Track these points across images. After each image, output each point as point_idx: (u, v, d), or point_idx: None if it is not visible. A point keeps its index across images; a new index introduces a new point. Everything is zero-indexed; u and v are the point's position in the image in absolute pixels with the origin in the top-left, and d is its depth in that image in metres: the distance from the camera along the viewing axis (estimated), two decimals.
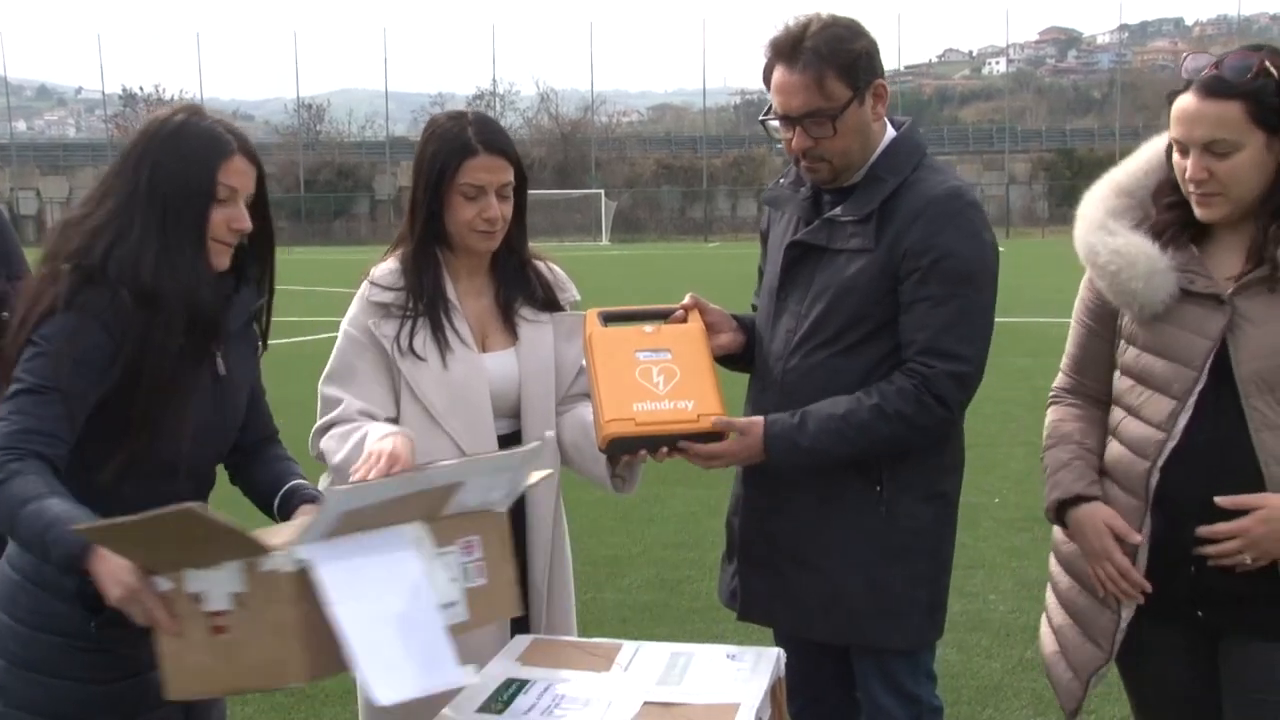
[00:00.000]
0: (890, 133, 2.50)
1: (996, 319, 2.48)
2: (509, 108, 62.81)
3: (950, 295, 2.36)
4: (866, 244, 2.41)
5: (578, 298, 2.67)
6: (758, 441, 2.39)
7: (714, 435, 2.35)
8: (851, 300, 2.42)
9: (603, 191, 48.83)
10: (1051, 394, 2.48)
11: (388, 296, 2.52)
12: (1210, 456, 2.13)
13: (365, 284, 2.55)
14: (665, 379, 2.39)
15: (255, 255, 2.17)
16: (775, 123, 2.46)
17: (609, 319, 2.51)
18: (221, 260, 2.07)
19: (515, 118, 61.02)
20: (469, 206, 2.49)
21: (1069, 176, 47.84)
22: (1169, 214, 2.22)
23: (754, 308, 2.64)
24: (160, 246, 1.97)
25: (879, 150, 2.48)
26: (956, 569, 2.71)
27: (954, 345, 2.37)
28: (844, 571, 2.47)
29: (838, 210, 2.47)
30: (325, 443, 2.41)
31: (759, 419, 2.41)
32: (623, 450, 2.41)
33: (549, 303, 2.61)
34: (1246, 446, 2.10)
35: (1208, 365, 2.14)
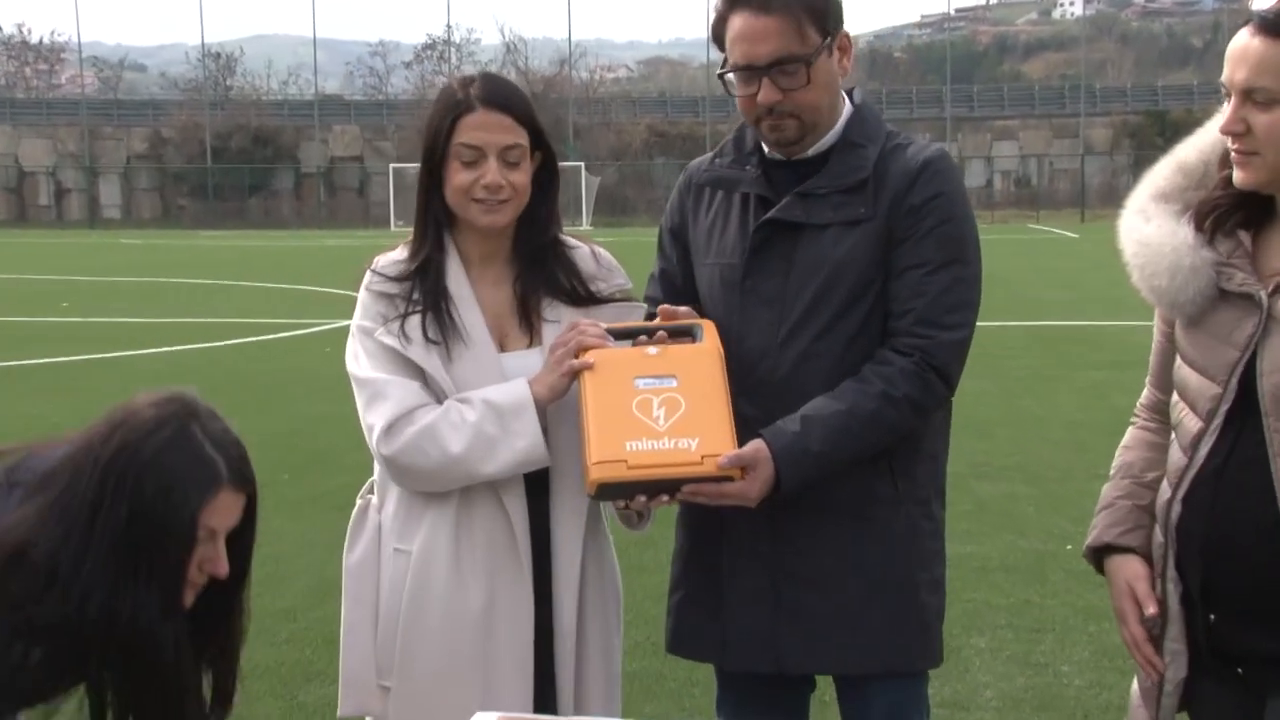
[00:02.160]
0: (846, 101, 2.72)
1: (1067, 321, 2.55)
2: (467, 60, 63.03)
3: (947, 261, 2.59)
4: (863, 213, 2.61)
5: (628, 285, 2.79)
6: (770, 469, 2.50)
7: (723, 477, 2.43)
8: (849, 277, 2.61)
9: (582, 165, 48.95)
10: (1134, 411, 2.58)
11: (391, 287, 2.69)
12: (1224, 487, 2.20)
13: (368, 274, 2.72)
14: (667, 412, 2.46)
15: (210, 636, 2.16)
16: (732, 76, 2.63)
17: (617, 336, 2.60)
18: (185, 599, 2.10)
19: (474, 71, 61.11)
20: (465, 172, 2.64)
21: (1160, 145, 47.82)
22: (1221, 193, 2.27)
23: (651, 315, 2.75)
24: (113, 588, 1.99)
25: (844, 118, 2.70)
26: (1019, 632, 2.79)
27: (951, 313, 2.59)
28: (867, 589, 2.65)
29: (814, 182, 2.65)
30: (413, 440, 2.56)
31: (762, 445, 2.51)
32: (614, 496, 2.51)
33: (580, 296, 2.73)
34: (1265, 477, 2.15)
35: (1234, 379, 2.20)
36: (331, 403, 9.63)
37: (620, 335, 2.61)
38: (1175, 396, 2.37)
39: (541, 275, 2.73)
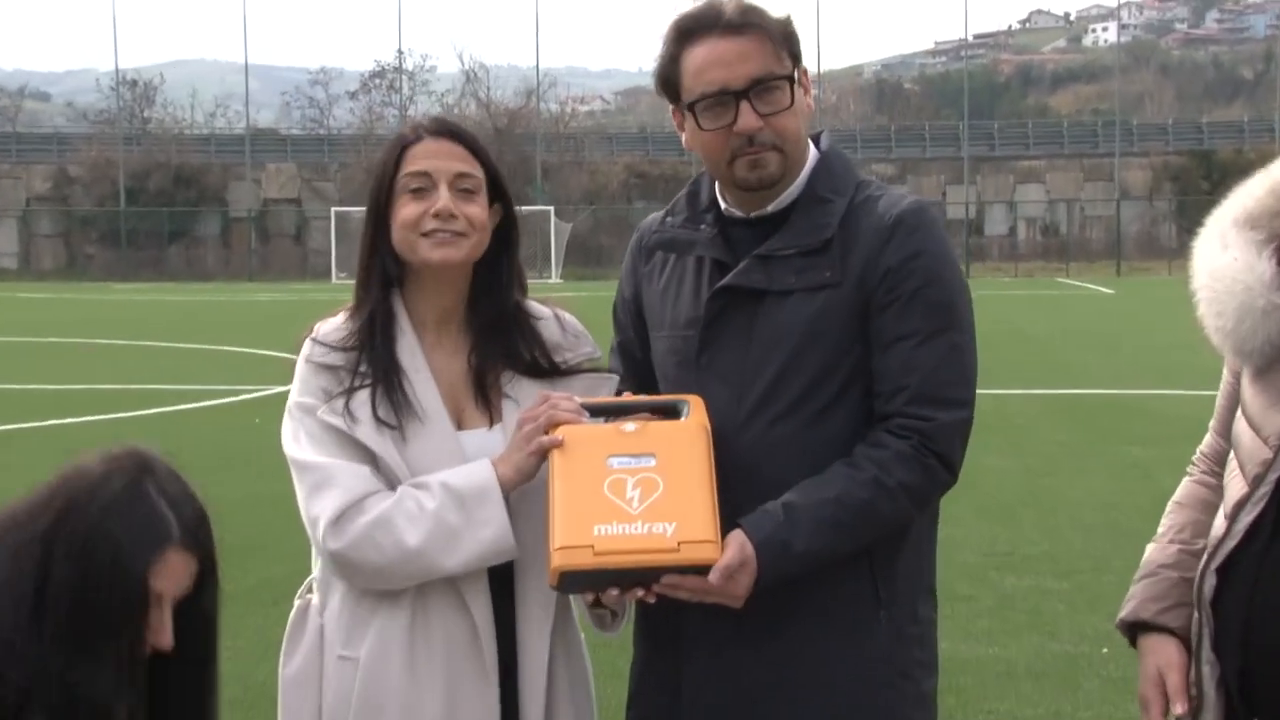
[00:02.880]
0: (811, 148, 2.76)
1: (1102, 390, 2.58)
2: (420, 90, 63.58)
3: (938, 329, 2.62)
4: (829, 277, 2.64)
5: (596, 354, 2.85)
6: (753, 563, 2.52)
7: (702, 568, 2.46)
8: (818, 349, 2.64)
9: (551, 210, 49.33)
10: (1192, 460, 2.62)
11: (335, 358, 2.72)
12: (1269, 568, 2.21)
13: (308, 343, 2.75)
14: (643, 493, 2.49)
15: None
16: (699, 114, 2.67)
17: (593, 413, 2.64)
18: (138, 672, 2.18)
19: (429, 103, 61.61)
20: (413, 204, 2.70)
21: (1206, 190, 48.62)
22: None
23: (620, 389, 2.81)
24: (67, 661, 2.07)
25: (808, 168, 2.74)
26: None
27: (950, 389, 2.62)
28: (845, 708, 2.65)
29: (775, 242, 2.68)
30: (365, 532, 2.59)
31: (744, 540, 2.52)
32: (580, 588, 2.55)
33: (542, 368, 2.78)
34: None
35: None
36: (263, 481, 9.52)
37: (597, 412, 2.65)
38: (1231, 453, 2.39)
39: (500, 345, 2.77)
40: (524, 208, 48.28)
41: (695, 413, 2.62)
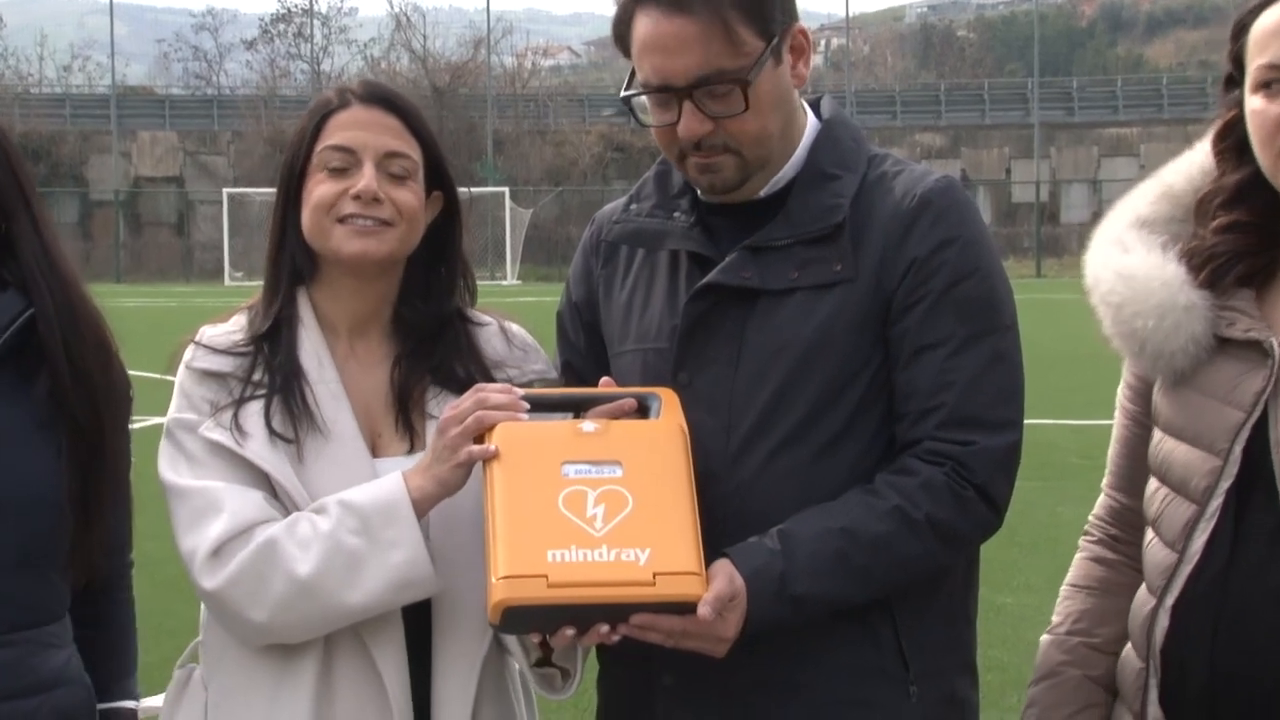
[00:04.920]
0: (811, 117, 2.82)
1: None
2: (337, 38, 63.51)
3: (976, 334, 2.67)
4: (839, 272, 2.69)
5: (549, 372, 2.93)
6: (743, 601, 2.55)
7: (682, 605, 2.48)
8: (827, 363, 2.68)
9: (506, 192, 49.53)
10: (1085, 528, 2.80)
11: (223, 363, 2.80)
12: (1227, 595, 2.33)
13: (190, 348, 2.83)
14: (608, 510, 2.51)
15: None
16: (644, 99, 2.73)
17: (536, 406, 2.69)
18: None
19: (348, 56, 61.49)
20: (330, 183, 2.77)
21: None
22: (1221, 238, 2.48)
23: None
24: None
25: (807, 140, 2.79)
26: None
27: (994, 408, 2.66)
28: None
29: (769, 231, 2.72)
30: (247, 564, 2.64)
31: (730, 568, 2.55)
32: (526, 626, 2.56)
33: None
34: (1276, 579, 2.30)
35: (1238, 447, 2.37)
36: (141, 545, 9.55)
37: (543, 405, 2.69)
38: (1153, 487, 2.54)
39: (429, 358, 2.84)
40: (471, 190, 48.09)
41: (669, 410, 2.66)
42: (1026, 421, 2.68)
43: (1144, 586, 2.50)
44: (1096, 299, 2.56)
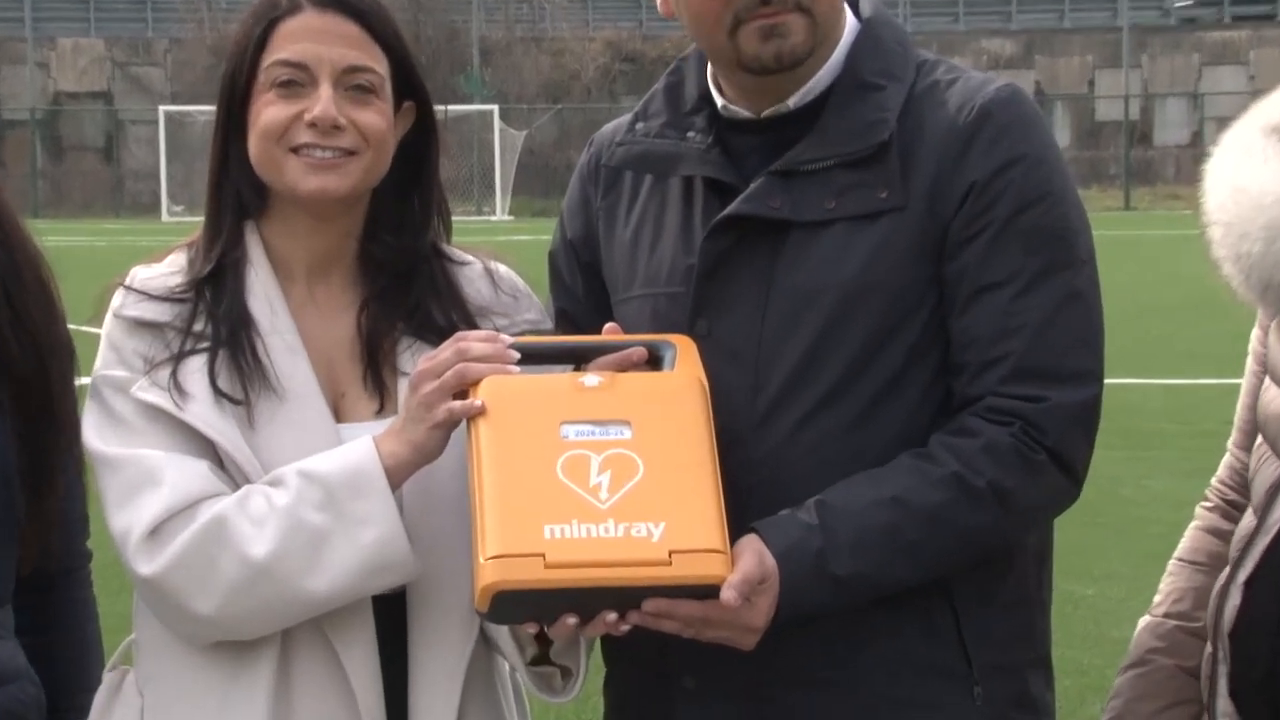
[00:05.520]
0: (849, 16, 2.82)
1: None
2: None
3: (1049, 268, 2.67)
4: (885, 199, 2.69)
5: (543, 321, 2.93)
6: (774, 584, 2.56)
7: (704, 589, 2.47)
8: (872, 307, 2.69)
9: (495, 111, 49.43)
10: (1205, 493, 2.84)
11: (159, 311, 2.78)
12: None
13: (119, 293, 2.81)
14: (614, 479, 2.51)
15: None
16: None
17: (529, 357, 2.69)
18: None
19: None
20: (281, 105, 2.76)
21: None
22: None
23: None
24: None
25: (844, 44, 2.79)
26: None
27: (1069, 356, 2.66)
28: None
29: (802, 151, 2.71)
30: (191, 545, 2.62)
31: (760, 544, 2.56)
32: (520, 614, 2.55)
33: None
34: None
35: None
36: None
37: (536, 356, 2.69)
38: (1256, 442, 2.57)
39: (401, 303, 2.83)
40: (453, 108, 48.37)
41: (686, 360, 2.66)
42: (1110, 380, 2.68)
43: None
44: (1207, 216, 2.56)
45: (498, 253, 2.96)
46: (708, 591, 2.45)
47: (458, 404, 2.56)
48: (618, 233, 2.88)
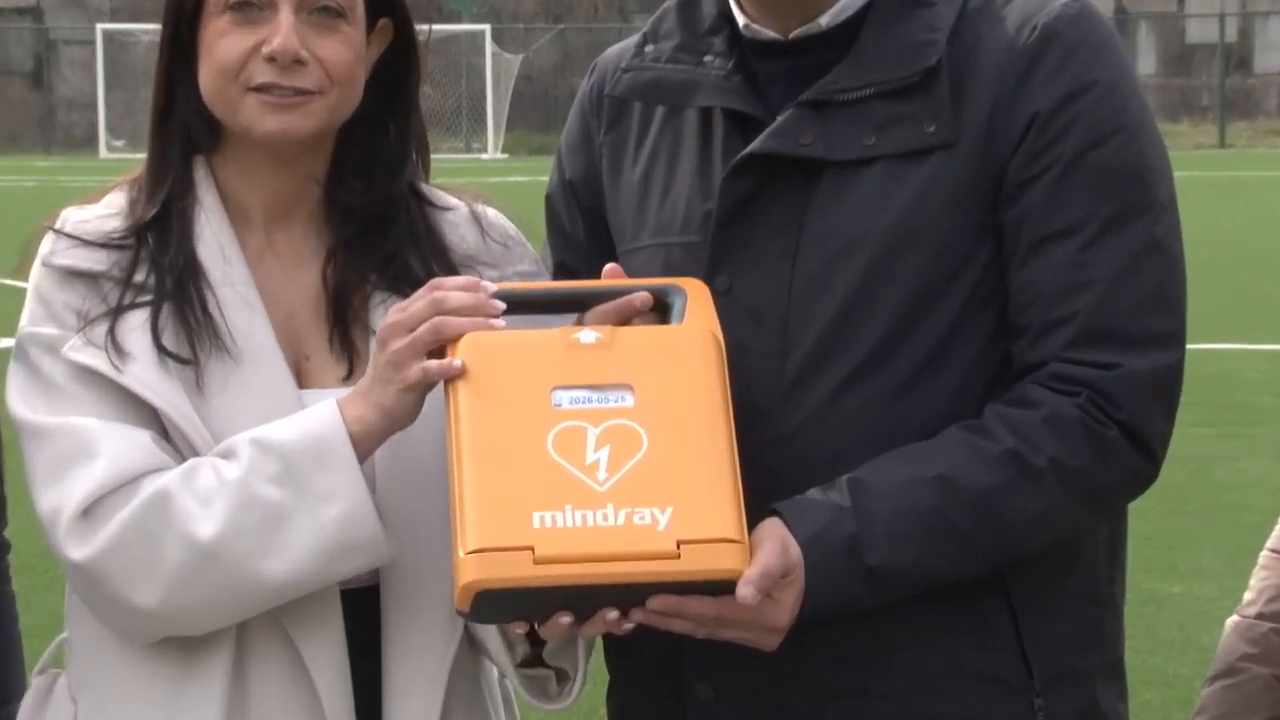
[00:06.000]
0: None
1: None
2: None
3: (1123, 214, 2.66)
4: (933, 134, 2.69)
5: (536, 274, 2.94)
6: (799, 576, 2.57)
7: (718, 584, 2.47)
8: (919, 259, 2.69)
9: (487, 32, 49.32)
10: None
11: (94, 260, 2.78)
12: None
13: (49, 237, 2.81)
14: (614, 455, 2.51)
15: None
16: None
17: (514, 306, 2.67)
18: None
19: None
20: (235, 35, 2.74)
21: None
22: None
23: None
24: None
25: None
26: None
27: (1145, 316, 2.65)
28: None
29: (837, 78, 2.71)
30: (130, 523, 2.63)
31: (782, 529, 2.56)
32: (506, 614, 2.56)
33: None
34: None
35: None
36: None
37: (524, 306, 2.69)
38: None
39: (373, 253, 2.84)
40: (438, 27, 47.77)
41: (698, 309, 2.65)
42: (1200, 346, 2.70)
43: None
44: None
45: (487, 195, 2.95)
46: (722, 587, 2.44)
47: (433, 364, 2.56)
48: (624, 173, 2.88)
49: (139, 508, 2.60)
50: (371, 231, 2.83)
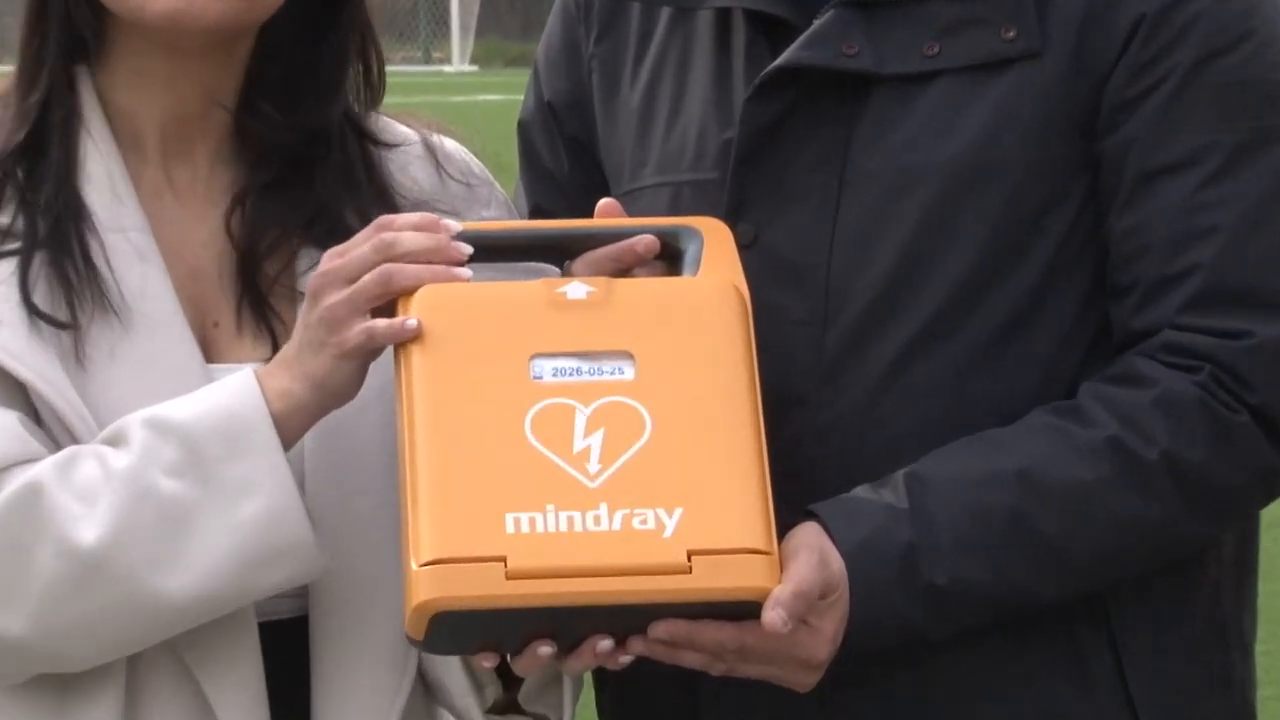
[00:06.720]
0: None
1: None
2: None
3: (1253, 142, 2.49)
4: (1011, 42, 2.51)
5: (500, 212, 2.77)
6: (843, 596, 2.42)
7: (739, 606, 2.32)
8: (995, 198, 2.50)
9: None
10: None
11: None
12: None
13: None
14: (610, 441, 2.38)
15: None
16: None
17: (482, 251, 2.51)
18: None
19: None
20: None
21: None
22: None
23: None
24: None
25: None
26: None
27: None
28: None
29: None
30: None
31: (822, 536, 2.43)
32: (471, 644, 2.42)
33: None
34: None
35: None
36: None
37: (495, 249, 2.53)
38: None
39: (299, 206, 2.64)
40: None
41: (716, 256, 2.50)
42: None
43: None
44: None
45: (445, 124, 2.72)
46: (745, 609, 2.30)
47: (380, 323, 2.38)
48: (621, 94, 2.73)
49: (3, 508, 2.44)
50: (294, 176, 2.61)
